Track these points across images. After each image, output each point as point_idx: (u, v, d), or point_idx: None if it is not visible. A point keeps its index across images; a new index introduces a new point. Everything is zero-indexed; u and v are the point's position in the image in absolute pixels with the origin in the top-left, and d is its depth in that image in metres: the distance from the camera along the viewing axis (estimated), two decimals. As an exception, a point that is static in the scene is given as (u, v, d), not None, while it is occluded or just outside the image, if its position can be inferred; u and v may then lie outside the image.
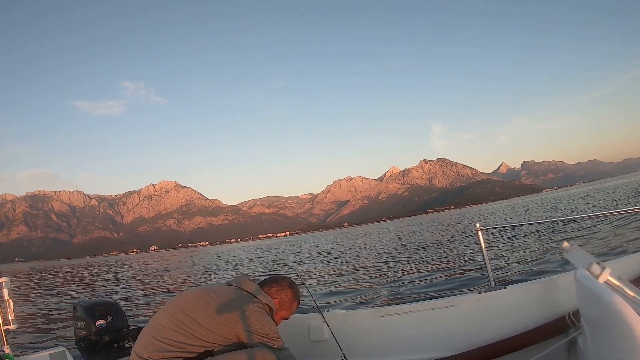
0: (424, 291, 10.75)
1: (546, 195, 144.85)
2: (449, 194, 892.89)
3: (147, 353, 2.67)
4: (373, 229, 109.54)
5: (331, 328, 3.70)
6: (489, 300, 3.67)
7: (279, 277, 3.27)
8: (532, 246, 16.44)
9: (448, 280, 11.71)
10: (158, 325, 2.76)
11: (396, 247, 26.54)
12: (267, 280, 3.22)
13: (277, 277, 3.26)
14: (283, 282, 3.21)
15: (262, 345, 2.75)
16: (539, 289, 3.58)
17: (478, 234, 3.91)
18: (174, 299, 2.94)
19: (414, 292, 10.89)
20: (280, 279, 3.23)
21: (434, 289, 10.85)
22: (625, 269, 3.43)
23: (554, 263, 11.56)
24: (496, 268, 11.96)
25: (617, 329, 1.78)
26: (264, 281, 3.21)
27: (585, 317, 2.67)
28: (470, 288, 10.14)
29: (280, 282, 3.20)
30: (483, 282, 9.97)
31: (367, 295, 11.28)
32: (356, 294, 11.69)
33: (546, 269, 11.03)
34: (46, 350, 3.51)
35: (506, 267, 12.42)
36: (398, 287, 11.67)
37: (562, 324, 3.26)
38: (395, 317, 3.90)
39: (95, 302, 4.00)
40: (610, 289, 1.87)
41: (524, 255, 14.08)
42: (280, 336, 2.89)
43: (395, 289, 11.43)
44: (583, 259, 2.17)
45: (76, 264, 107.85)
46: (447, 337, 3.68)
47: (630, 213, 4.47)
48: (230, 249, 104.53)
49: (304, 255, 31.35)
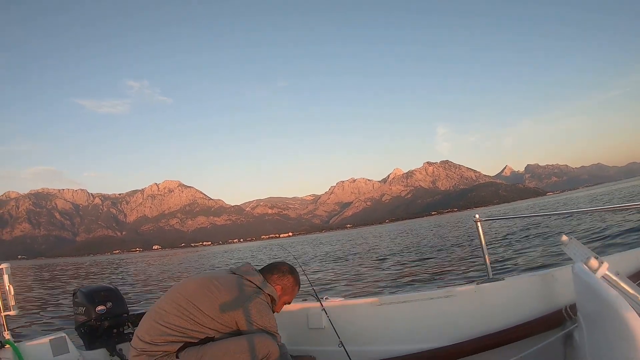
0: (423, 281, 10.80)
1: (550, 199, 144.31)
2: (453, 197, 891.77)
3: (149, 337, 2.71)
4: (376, 230, 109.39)
5: (329, 316, 3.73)
6: (486, 291, 3.67)
7: (280, 263, 3.31)
8: (530, 239, 16.48)
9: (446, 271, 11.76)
10: (161, 310, 2.79)
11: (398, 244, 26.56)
12: (268, 268, 3.25)
13: (278, 264, 3.30)
14: (284, 267, 3.25)
15: (262, 332, 2.79)
16: (536, 281, 3.58)
17: (477, 225, 3.91)
18: (178, 285, 2.98)
19: (413, 281, 10.93)
20: (281, 265, 3.27)
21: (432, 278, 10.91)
22: (623, 264, 3.43)
23: (552, 256, 11.57)
24: (494, 260, 11.99)
25: (614, 324, 1.79)
26: (264, 268, 3.25)
27: (582, 311, 2.68)
28: (468, 279, 10.18)
29: (280, 268, 3.24)
30: (481, 273, 9.99)
31: (365, 284, 11.32)
32: (354, 282, 11.73)
33: (544, 262, 11.05)
34: (46, 336, 3.53)
35: (504, 259, 12.44)
36: (396, 278, 11.72)
37: (559, 317, 3.25)
38: (393, 306, 3.92)
39: (96, 288, 4.03)
40: (608, 284, 1.91)
41: (522, 248, 14.12)
42: (278, 331, 2.93)
43: (394, 279, 11.47)
44: (581, 253, 2.14)
45: (79, 262, 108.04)
46: (444, 327, 3.70)
47: (629, 208, 4.50)
48: (233, 249, 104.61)
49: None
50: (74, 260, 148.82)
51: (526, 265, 11.29)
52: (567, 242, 2.32)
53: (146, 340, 2.71)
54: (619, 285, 1.87)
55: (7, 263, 3.22)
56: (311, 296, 4.15)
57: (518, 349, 3.33)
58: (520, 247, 14.73)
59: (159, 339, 2.69)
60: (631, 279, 2.03)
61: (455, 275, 11.31)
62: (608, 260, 1.99)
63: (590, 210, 6.44)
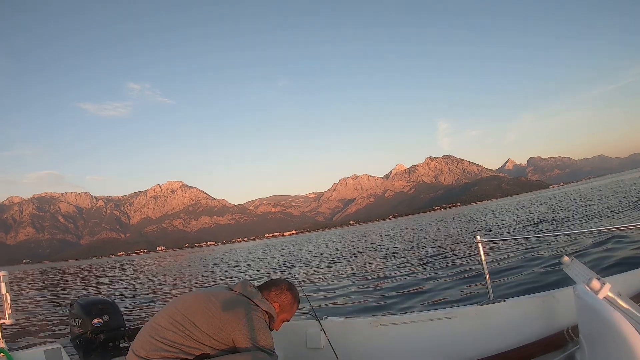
0: (423, 301, 10.57)
1: (553, 192, 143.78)
2: (455, 191, 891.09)
3: (145, 352, 2.69)
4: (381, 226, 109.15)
5: (328, 336, 3.72)
6: (487, 312, 3.64)
7: (278, 280, 3.28)
8: (532, 259, 16.23)
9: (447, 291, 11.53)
10: (157, 326, 2.78)
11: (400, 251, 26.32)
12: (266, 285, 3.23)
13: (276, 281, 3.26)
14: (282, 285, 3.22)
15: (258, 350, 2.76)
16: (538, 302, 3.55)
17: (479, 246, 3.88)
18: (174, 301, 2.96)
19: (413, 302, 10.71)
20: (279, 282, 3.24)
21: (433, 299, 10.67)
22: (626, 285, 3.39)
23: (553, 277, 11.33)
24: (496, 280, 11.77)
25: (616, 346, 1.77)
26: (263, 285, 3.22)
27: (584, 332, 2.65)
28: (470, 300, 9.97)
29: (279, 285, 3.21)
30: (482, 294, 9.75)
31: (365, 303, 11.10)
32: (354, 300, 11.51)
33: (546, 283, 10.82)
34: (41, 346, 3.52)
35: (506, 280, 12.22)
36: (396, 296, 11.49)
37: (561, 339, 3.23)
38: (393, 327, 3.88)
39: (93, 300, 4.00)
40: (610, 305, 1.86)
41: (523, 269, 13.88)
42: (275, 350, 2.88)
43: (394, 298, 11.25)
44: (583, 273, 2.15)
45: (83, 265, 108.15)
46: (444, 348, 3.66)
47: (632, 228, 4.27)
48: (237, 249, 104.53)
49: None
50: (79, 264, 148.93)
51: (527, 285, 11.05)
52: (568, 262, 2.34)
53: (141, 355, 2.69)
54: (621, 306, 1.85)
55: (3, 271, 3.18)
56: (310, 315, 4.06)
57: None
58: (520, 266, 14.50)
59: (154, 355, 2.67)
60: (633, 300, 2.03)
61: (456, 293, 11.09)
62: (610, 280, 1.97)
63: (594, 230, 6.23)
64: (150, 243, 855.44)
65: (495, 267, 15.02)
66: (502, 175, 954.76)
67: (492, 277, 9.62)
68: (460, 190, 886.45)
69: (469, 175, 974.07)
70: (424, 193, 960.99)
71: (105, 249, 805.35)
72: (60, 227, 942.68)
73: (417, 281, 14.10)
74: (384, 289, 13.28)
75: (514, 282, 11.71)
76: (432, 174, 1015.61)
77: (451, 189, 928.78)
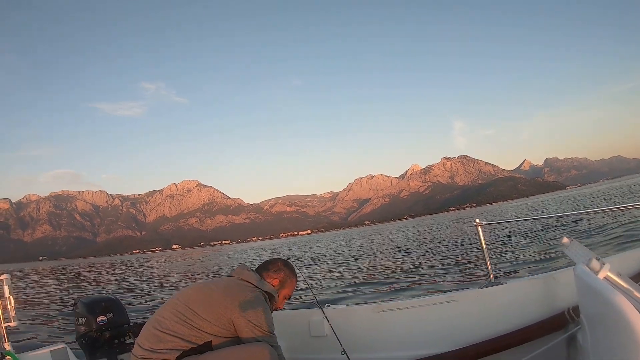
0: (424, 286, 10.73)
1: (569, 193, 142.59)
2: (471, 192, 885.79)
3: (149, 344, 2.73)
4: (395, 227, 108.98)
5: (331, 323, 3.70)
6: (488, 295, 3.66)
7: (273, 259, 3.33)
8: (531, 242, 16.31)
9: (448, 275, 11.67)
10: (160, 318, 2.83)
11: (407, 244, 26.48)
12: (262, 265, 3.27)
13: (271, 260, 3.32)
14: (278, 262, 3.28)
15: (258, 337, 2.78)
16: (538, 284, 3.57)
17: (478, 229, 3.90)
18: (177, 294, 3.02)
19: (414, 287, 10.86)
20: (275, 260, 3.29)
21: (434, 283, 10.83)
22: (625, 265, 3.42)
23: (553, 258, 11.44)
24: (496, 263, 11.89)
25: (617, 325, 1.79)
26: (259, 267, 3.26)
27: (585, 312, 2.67)
28: (470, 283, 10.10)
29: (275, 263, 3.26)
30: (483, 277, 9.89)
31: (367, 290, 11.27)
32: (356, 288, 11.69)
33: (546, 264, 10.92)
34: (47, 347, 3.54)
35: (506, 262, 12.33)
36: (398, 283, 11.65)
37: (562, 320, 3.24)
38: (395, 313, 3.91)
39: (96, 298, 4.03)
40: (610, 285, 1.90)
41: (523, 251, 13.98)
42: (274, 332, 2.89)
43: (396, 285, 11.41)
44: (582, 254, 2.17)
45: (99, 262, 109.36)
46: (447, 332, 3.68)
47: (631, 208, 4.39)
48: (252, 248, 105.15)
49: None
50: (95, 261, 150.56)
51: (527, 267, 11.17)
52: (568, 244, 2.33)
53: (145, 347, 2.73)
54: (621, 286, 1.86)
55: (7, 274, 3.19)
56: (313, 303, 4.11)
57: (521, 353, 3.31)
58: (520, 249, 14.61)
59: (158, 346, 2.71)
60: (633, 279, 2.03)
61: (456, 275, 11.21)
62: (609, 261, 1.98)
63: (592, 211, 6.34)
64: (166, 241, 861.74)
65: (496, 250, 15.18)
66: (518, 176, 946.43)
67: (492, 260, 9.73)
68: (476, 190, 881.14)
69: (485, 175, 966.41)
70: (440, 193, 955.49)
71: (121, 246, 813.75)
72: (77, 224, 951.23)
73: (419, 267, 14.31)
74: (387, 274, 13.50)
75: (514, 264, 11.87)
76: (448, 174, 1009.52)
77: (467, 189, 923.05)
